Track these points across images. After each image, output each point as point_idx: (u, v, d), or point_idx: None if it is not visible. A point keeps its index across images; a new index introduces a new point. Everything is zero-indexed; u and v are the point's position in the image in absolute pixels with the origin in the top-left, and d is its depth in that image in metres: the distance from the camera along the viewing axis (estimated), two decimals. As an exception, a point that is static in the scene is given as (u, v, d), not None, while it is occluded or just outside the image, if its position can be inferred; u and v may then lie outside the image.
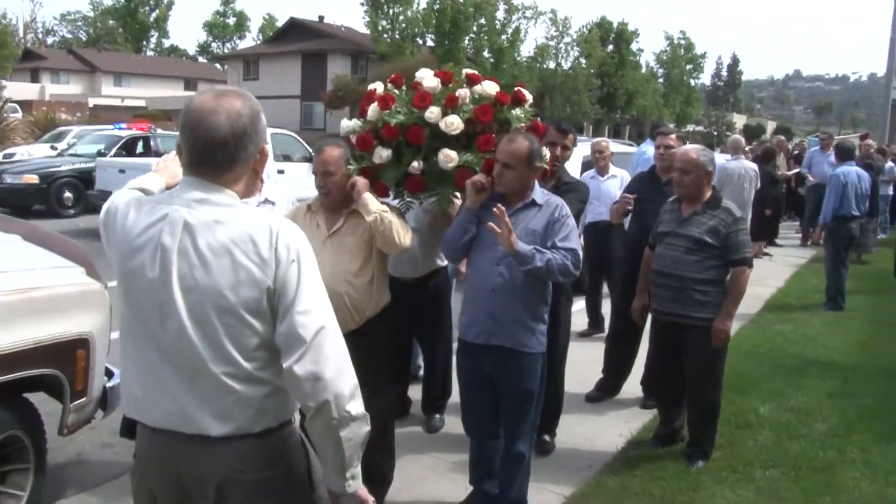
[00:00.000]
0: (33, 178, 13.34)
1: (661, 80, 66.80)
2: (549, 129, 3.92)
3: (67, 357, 3.27)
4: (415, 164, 3.29)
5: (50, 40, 69.23)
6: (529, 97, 3.58)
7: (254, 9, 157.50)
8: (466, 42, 44.93)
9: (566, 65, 55.17)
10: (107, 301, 3.53)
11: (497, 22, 48.15)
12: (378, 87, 3.51)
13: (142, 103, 47.74)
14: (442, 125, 3.26)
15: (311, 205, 3.41)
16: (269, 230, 1.69)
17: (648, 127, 34.05)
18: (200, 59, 75.52)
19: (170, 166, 2.31)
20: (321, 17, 49.45)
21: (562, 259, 3.18)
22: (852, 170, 8.16)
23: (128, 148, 14.69)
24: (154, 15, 72.23)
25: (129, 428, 1.84)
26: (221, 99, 1.71)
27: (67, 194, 13.65)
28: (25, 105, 32.11)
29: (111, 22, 71.90)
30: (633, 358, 5.20)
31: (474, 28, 45.25)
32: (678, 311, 4.03)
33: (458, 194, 3.51)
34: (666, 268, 4.06)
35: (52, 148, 17.26)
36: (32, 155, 17.94)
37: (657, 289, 4.16)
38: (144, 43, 73.07)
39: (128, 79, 57.75)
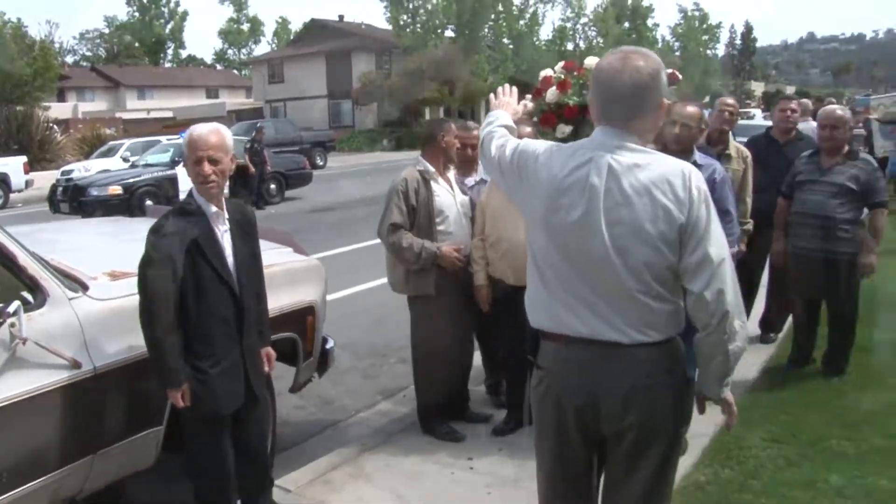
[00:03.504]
0: (117, 190, 14.08)
1: (677, 52, 66.50)
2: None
3: (301, 323, 3.73)
4: None
5: (70, 59, 70.07)
6: (680, 76, 3.94)
7: (265, 13, 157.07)
8: (486, 30, 45.18)
9: (584, 45, 55.26)
10: (324, 275, 3.97)
11: (514, 8, 48.36)
12: (548, 72, 3.96)
13: (169, 114, 48.30)
14: None
15: None
16: (682, 174, 1.96)
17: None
18: (218, 67, 76.12)
19: (510, 102, 2.59)
20: (341, 17, 49.87)
21: None
22: None
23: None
24: (169, 27, 72.93)
25: (533, 348, 2.18)
26: (627, 60, 1.97)
27: (148, 202, 14.21)
28: (61, 124, 32.67)
29: (128, 37, 72.68)
30: (752, 303, 5.38)
31: (492, 16, 45.52)
32: (827, 247, 4.54)
33: None
34: (812, 210, 4.59)
35: (124, 160, 17.87)
36: (90, 170, 18.62)
37: (803, 229, 4.66)
38: (161, 55, 73.81)
39: (150, 91, 58.35)
